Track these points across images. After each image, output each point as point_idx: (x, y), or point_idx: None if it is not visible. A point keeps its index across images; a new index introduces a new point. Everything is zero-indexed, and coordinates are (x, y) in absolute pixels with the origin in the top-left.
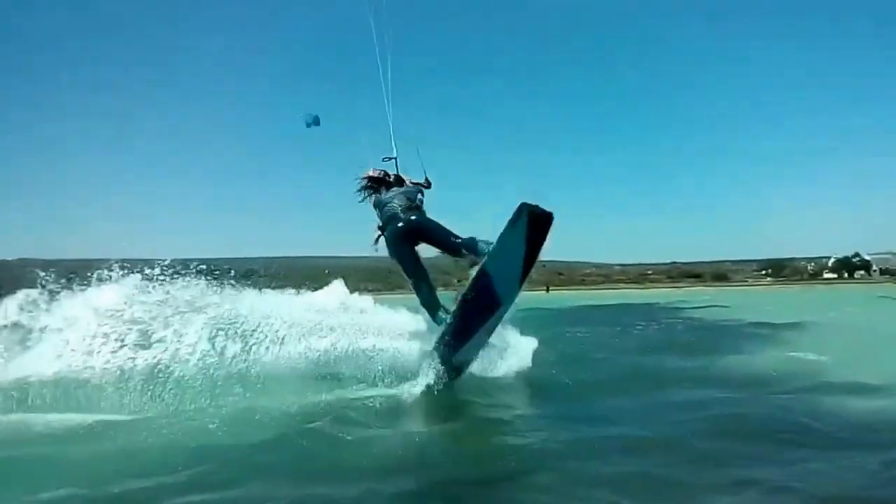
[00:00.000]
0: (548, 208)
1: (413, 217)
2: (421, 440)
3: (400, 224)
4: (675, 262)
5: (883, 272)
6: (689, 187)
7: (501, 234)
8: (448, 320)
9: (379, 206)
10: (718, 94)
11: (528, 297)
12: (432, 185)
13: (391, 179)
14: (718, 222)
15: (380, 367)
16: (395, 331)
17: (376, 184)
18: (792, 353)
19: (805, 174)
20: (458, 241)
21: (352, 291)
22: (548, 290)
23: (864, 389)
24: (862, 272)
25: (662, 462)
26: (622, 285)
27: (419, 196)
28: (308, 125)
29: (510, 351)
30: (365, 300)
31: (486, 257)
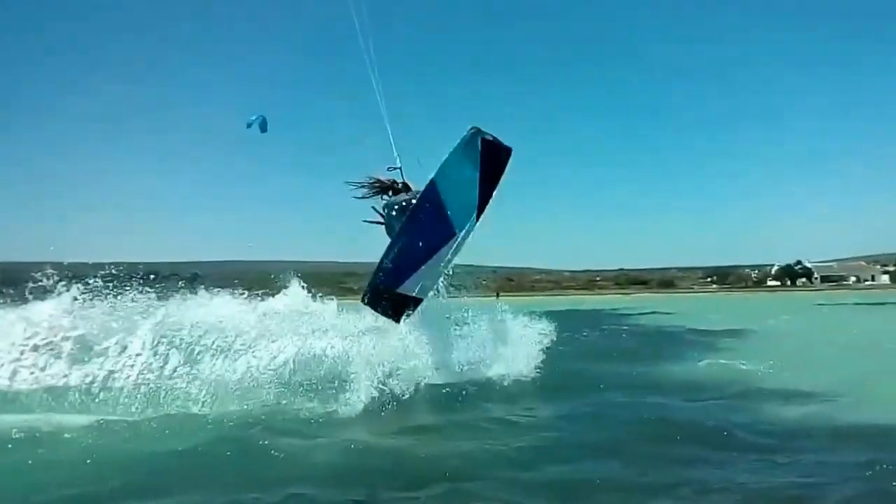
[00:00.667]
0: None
1: None
2: (356, 447)
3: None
4: (622, 269)
5: (824, 280)
6: (636, 195)
7: (452, 151)
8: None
9: (389, 205)
10: (666, 102)
11: (479, 303)
12: None
13: (399, 186)
14: (665, 230)
15: (324, 374)
16: (346, 336)
17: (381, 188)
18: (727, 361)
19: (749, 184)
20: None
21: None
22: (498, 296)
23: (794, 395)
24: (804, 280)
25: (601, 465)
26: (572, 291)
27: None
28: (249, 125)
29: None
30: (327, 306)
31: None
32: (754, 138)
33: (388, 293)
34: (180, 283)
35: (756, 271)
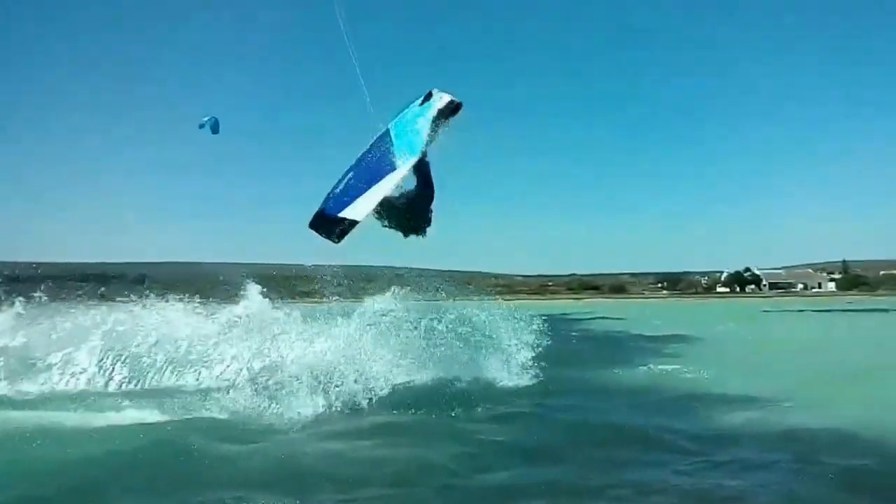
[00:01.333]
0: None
1: None
2: (294, 452)
3: None
4: (574, 274)
5: (772, 287)
6: (587, 200)
7: (410, 108)
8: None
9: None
10: (618, 106)
11: (430, 308)
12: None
13: None
14: (617, 236)
15: (274, 382)
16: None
17: None
18: (669, 366)
19: (698, 190)
20: None
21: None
22: (450, 300)
23: (731, 400)
24: (753, 287)
25: (540, 469)
26: (524, 296)
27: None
28: (201, 126)
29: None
30: (290, 315)
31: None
32: (705, 146)
33: (330, 217)
34: (146, 289)
35: (706, 278)
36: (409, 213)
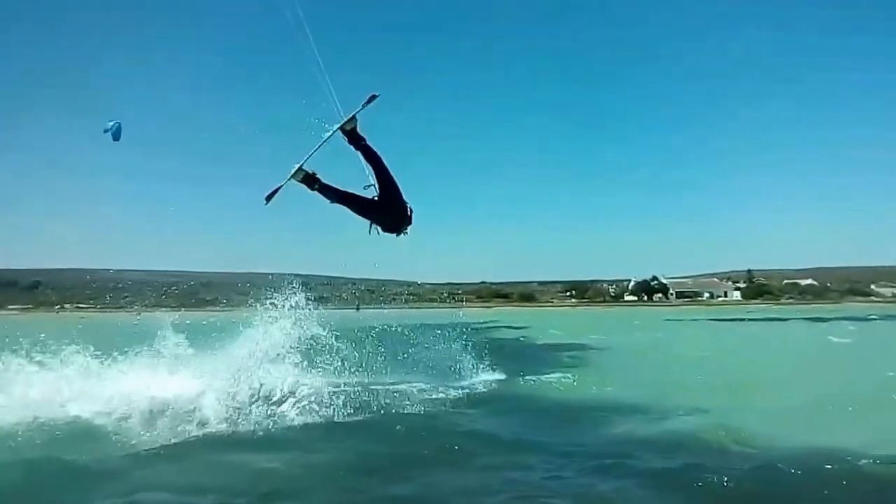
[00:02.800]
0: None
1: None
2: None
3: None
4: (484, 282)
5: (679, 295)
6: (495, 208)
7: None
8: None
9: None
10: (527, 114)
11: (338, 316)
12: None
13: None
14: (526, 244)
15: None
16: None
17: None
18: (557, 375)
19: (606, 200)
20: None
21: (151, 308)
22: (358, 308)
23: (605, 408)
24: (660, 295)
25: (435, 475)
26: (434, 304)
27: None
28: (106, 131)
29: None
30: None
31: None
32: (611, 156)
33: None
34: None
35: (614, 286)
36: (384, 206)
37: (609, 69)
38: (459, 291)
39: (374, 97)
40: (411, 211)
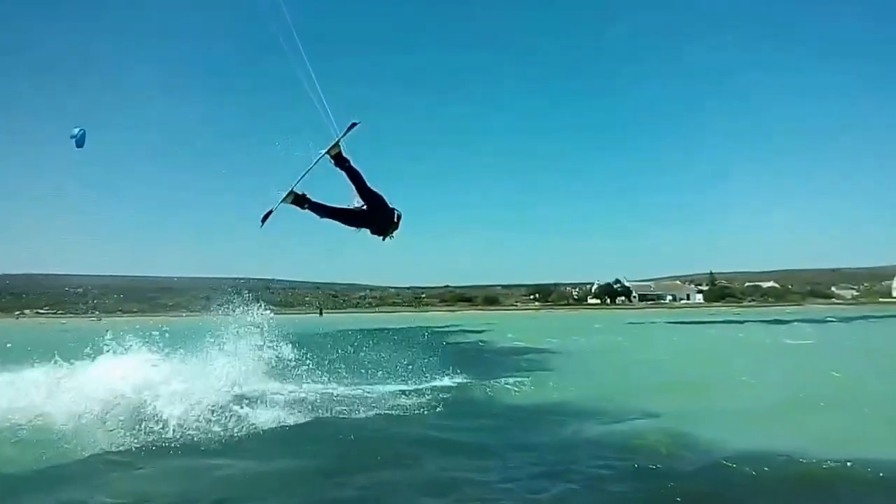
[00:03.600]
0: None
1: None
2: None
3: None
4: (448, 286)
5: (642, 298)
6: (459, 213)
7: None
8: None
9: None
10: (488, 122)
11: (299, 321)
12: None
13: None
14: (490, 248)
15: None
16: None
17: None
18: (519, 379)
19: (565, 203)
20: None
21: (112, 313)
22: (321, 313)
23: (573, 413)
24: (623, 298)
25: (387, 479)
26: (398, 308)
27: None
28: (72, 137)
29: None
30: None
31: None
32: (573, 161)
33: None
34: None
35: (577, 289)
36: (371, 215)
37: (571, 75)
38: (423, 295)
39: (354, 125)
40: (399, 216)
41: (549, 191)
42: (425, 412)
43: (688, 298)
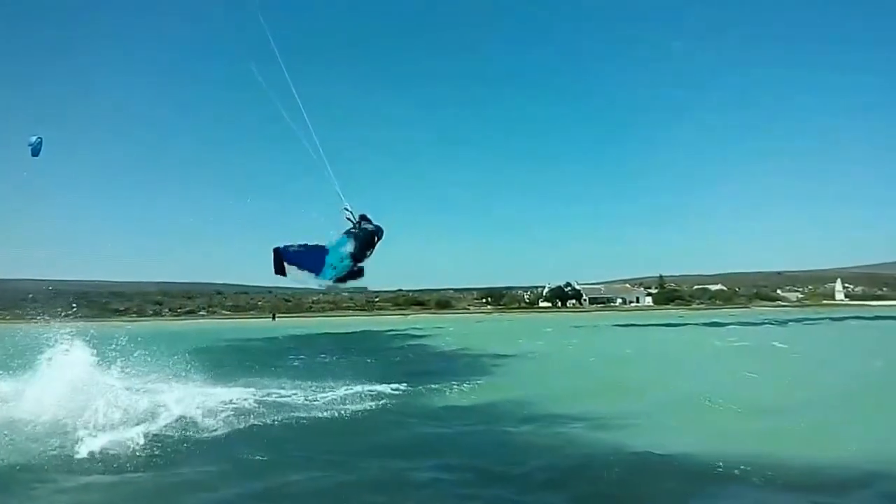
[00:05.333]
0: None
1: None
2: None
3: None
4: (401, 290)
5: (593, 301)
6: (410, 217)
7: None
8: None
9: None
10: (443, 129)
11: (249, 326)
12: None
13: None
14: (442, 252)
15: None
16: None
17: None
18: (459, 382)
19: (515, 208)
20: None
21: (61, 319)
22: (274, 317)
23: (503, 417)
24: (574, 301)
25: (316, 482)
26: (350, 312)
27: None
28: (29, 145)
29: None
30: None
31: None
32: (522, 166)
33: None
34: None
35: (529, 292)
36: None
37: (527, 80)
38: (377, 299)
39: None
40: (379, 237)
41: (499, 196)
42: (364, 414)
43: (637, 301)
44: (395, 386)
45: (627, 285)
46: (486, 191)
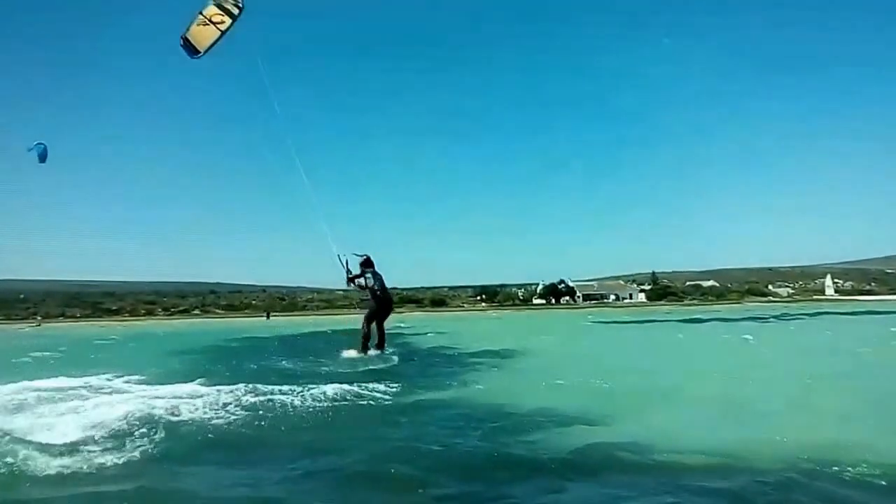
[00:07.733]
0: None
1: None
2: None
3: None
4: (395, 288)
5: (586, 298)
6: (405, 215)
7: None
8: None
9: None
10: (433, 125)
11: (244, 325)
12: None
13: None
14: (437, 250)
15: None
16: None
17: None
18: (445, 380)
19: (510, 205)
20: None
21: (55, 318)
22: (268, 316)
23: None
24: (567, 298)
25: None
26: (344, 311)
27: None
28: (30, 150)
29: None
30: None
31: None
32: (519, 166)
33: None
34: None
35: (523, 290)
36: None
37: (527, 80)
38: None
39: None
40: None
41: (492, 194)
42: (359, 415)
43: (630, 297)
44: (389, 384)
45: (621, 282)
46: (478, 189)
